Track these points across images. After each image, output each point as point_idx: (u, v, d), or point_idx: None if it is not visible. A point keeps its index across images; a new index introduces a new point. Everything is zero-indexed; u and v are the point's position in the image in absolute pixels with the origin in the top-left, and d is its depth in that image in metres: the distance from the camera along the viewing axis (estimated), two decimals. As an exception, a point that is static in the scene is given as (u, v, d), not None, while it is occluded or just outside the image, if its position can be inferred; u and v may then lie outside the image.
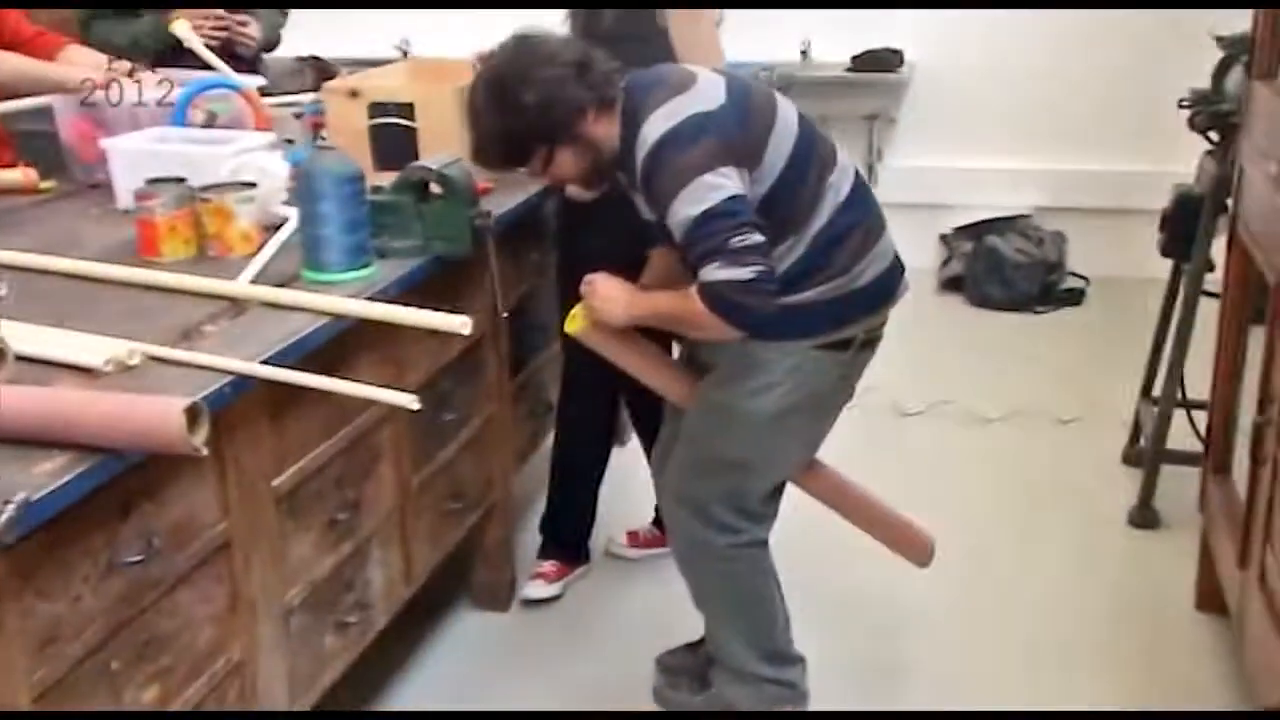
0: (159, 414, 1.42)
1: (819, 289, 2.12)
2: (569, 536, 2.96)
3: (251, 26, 3.32)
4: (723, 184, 2.01)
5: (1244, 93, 2.66)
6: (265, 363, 1.75)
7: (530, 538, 3.00)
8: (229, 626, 1.80)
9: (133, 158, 2.55)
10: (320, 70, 4.54)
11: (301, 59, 4.73)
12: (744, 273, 1.98)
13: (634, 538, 3.08)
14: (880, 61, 4.94)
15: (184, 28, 2.95)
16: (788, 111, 2.15)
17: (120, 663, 1.57)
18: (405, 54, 5.45)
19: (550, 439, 3.03)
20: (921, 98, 5.08)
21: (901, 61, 4.98)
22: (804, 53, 5.06)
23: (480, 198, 2.32)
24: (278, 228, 2.29)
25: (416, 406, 1.74)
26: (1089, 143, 5.01)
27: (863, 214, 2.17)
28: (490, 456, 2.71)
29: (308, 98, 3.08)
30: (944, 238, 5.12)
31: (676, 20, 2.59)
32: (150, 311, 1.95)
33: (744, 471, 2.24)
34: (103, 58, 2.95)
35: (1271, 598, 2.11)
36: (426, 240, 2.23)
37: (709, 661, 2.48)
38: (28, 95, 2.86)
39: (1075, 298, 4.88)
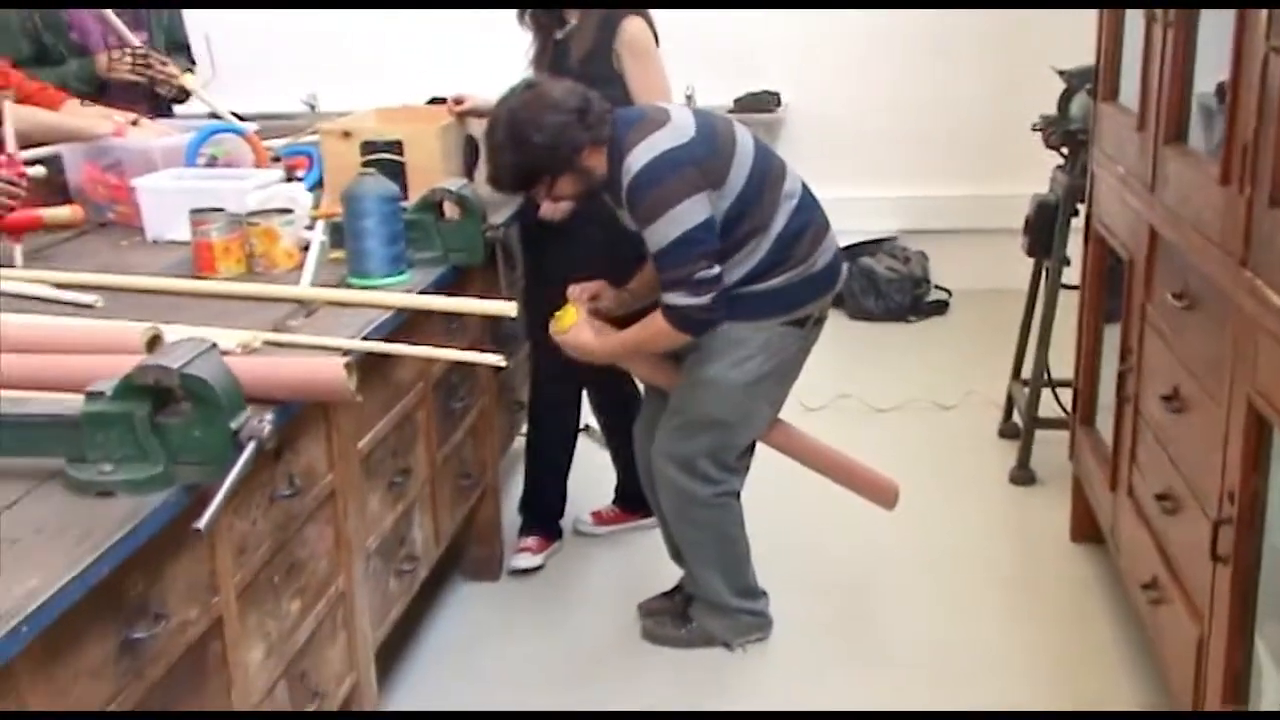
0: (326, 370, 1.82)
1: (784, 276, 2.63)
2: (546, 515, 3.39)
3: (171, 67, 3.58)
4: (693, 212, 2.51)
5: (1090, 113, 3.27)
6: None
7: (509, 519, 3.42)
8: (336, 561, 2.19)
9: (161, 195, 2.91)
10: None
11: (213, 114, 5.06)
12: (702, 300, 2.53)
13: (598, 516, 3.52)
14: (759, 102, 5.50)
15: (193, 80, 3.31)
16: (744, 136, 2.66)
17: (279, 577, 1.96)
18: (313, 108, 5.83)
19: (523, 432, 3.46)
20: (796, 135, 5.66)
21: (778, 102, 5.56)
22: (689, 96, 5.61)
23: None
24: (306, 247, 2.69)
25: (504, 363, 2.17)
26: (943, 171, 5.68)
27: (812, 215, 2.69)
28: (484, 443, 3.13)
29: (281, 142, 3.48)
30: (820, 261, 5.70)
31: (630, 65, 3.07)
32: (233, 314, 2.32)
33: (725, 430, 2.72)
34: (104, 110, 3.29)
35: (1138, 503, 2.67)
36: (445, 252, 2.66)
37: (687, 601, 2.94)
38: (43, 144, 3.16)
39: (941, 308, 5.51)
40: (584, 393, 3.40)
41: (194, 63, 3.82)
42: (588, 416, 3.50)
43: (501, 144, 2.55)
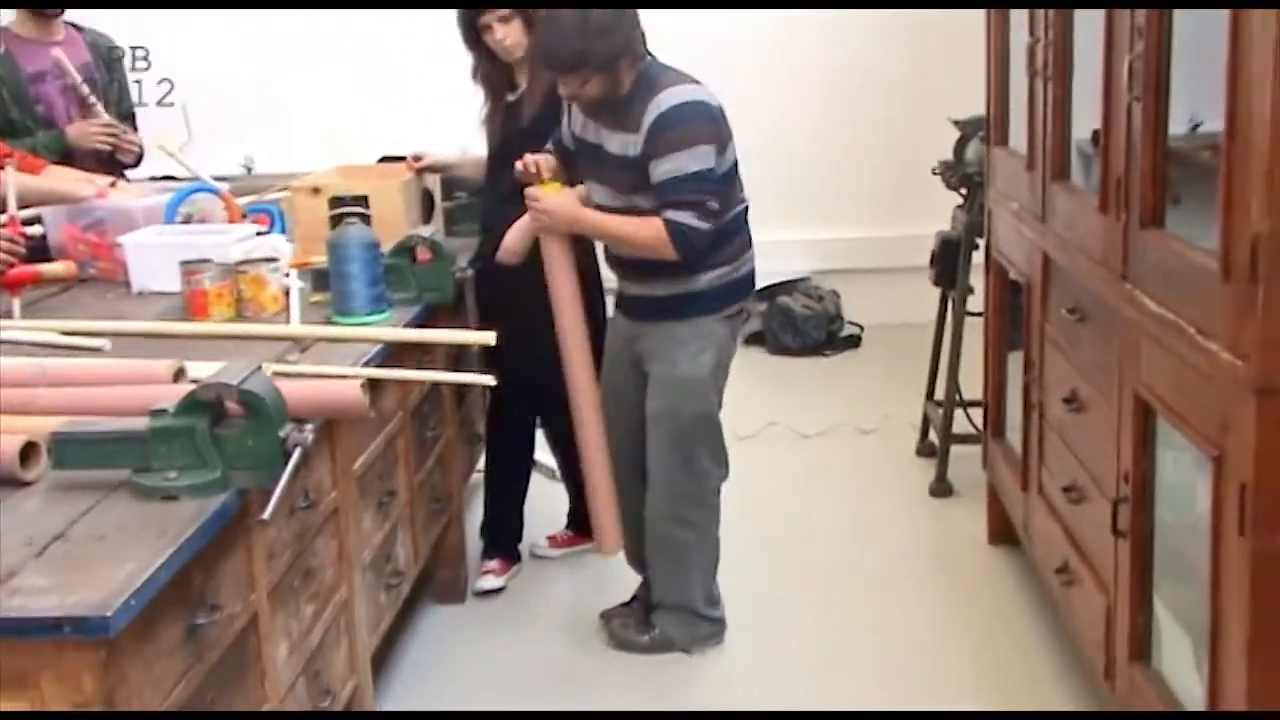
0: (345, 390, 2.07)
1: (720, 271, 2.94)
2: (507, 539, 3.63)
3: (132, 135, 3.86)
4: (710, 156, 2.81)
5: (984, 157, 3.65)
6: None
7: (472, 544, 3.65)
8: (339, 571, 2.42)
9: (147, 250, 3.13)
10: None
11: (155, 178, 5.28)
12: (705, 226, 2.81)
13: (553, 540, 3.76)
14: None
15: (172, 143, 3.54)
16: None
17: (297, 582, 2.19)
18: (249, 170, 6.04)
19: (480, 464, 3.71)
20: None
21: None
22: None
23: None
24: (287, 292, 2.93)
25: (494, 383, 2.44)
26: (851, 214, 6.06)
27: (745, 222, 3.02)
28: (450, 471, 3.37)
29: (245, 200, 3.71)
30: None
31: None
32: (233, 352, 2.54)
33: (709, 420, 3.01)
34: (82, 174, 3.50)
35: (1047, 499, 3.01)
36: (420, 291, 2.93)
37: (647, 609, 3.20)
38: (28, 206, 3.35)
39: (854, 342, 5.87)
40: (536, 426, 3.66)
41: (137, 130, 4.07)
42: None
43: (570, 22, 2.76)
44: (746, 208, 3.04)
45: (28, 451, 1.84)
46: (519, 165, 2.98)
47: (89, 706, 1.50)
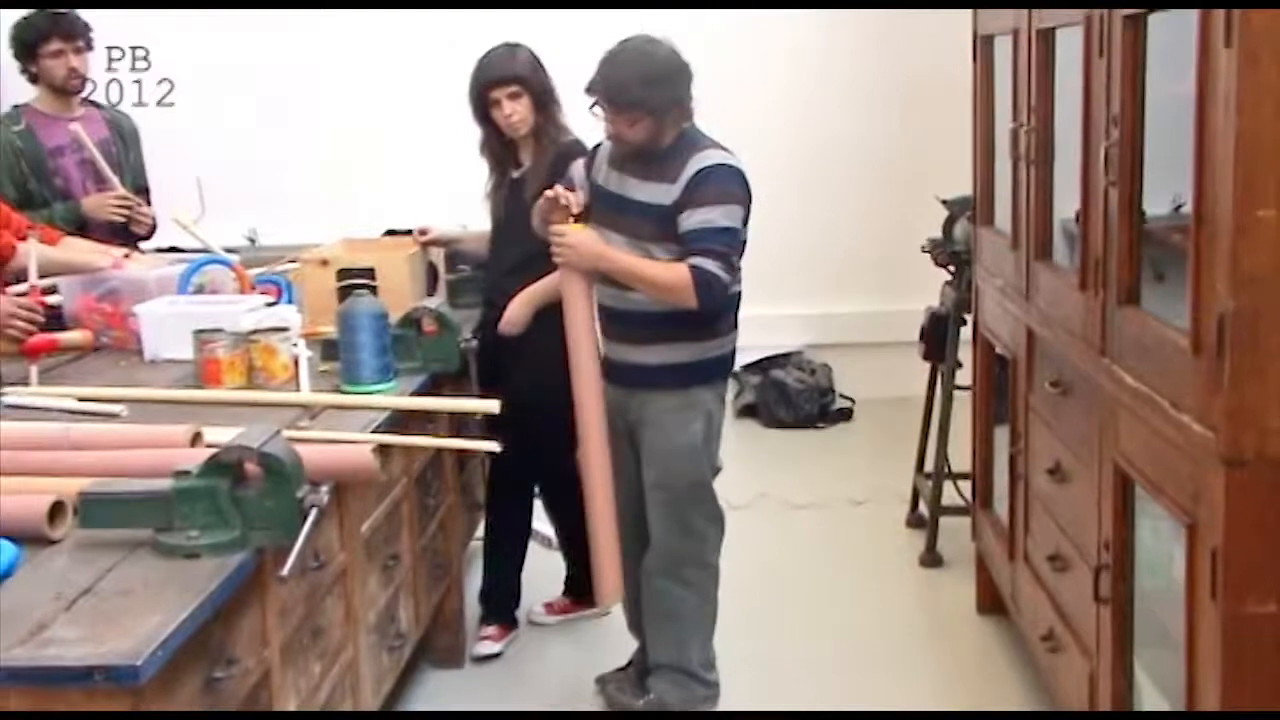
0: (356, 454, 2.16)
1: (715, 343, 3.05)
2: (505, 605, 3.70)
3: (145, 209, 4.01)
4: (740, 218, 2.95)
5: (971, 235, 3.78)
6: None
7: (470, 610, 3.72)
8: (346, 632, 2.49)
9: (162, 319, 3.23)
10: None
11: (161, 249, 5.40)
12: (728, 279, 2.92)
13: (550, 607, 3.83)
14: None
15: (187, 216, 3.66)
16: None
17: (307, 639, 2.26)
18: (253, 242, 6.16)
19: (478, 536, 3.79)
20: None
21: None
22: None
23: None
24: (297, 360, 3.03)
25: (499, 448, 2.53)
26: (843, 289, 6.20)
27: (739, 303, 3.11)
28: (451, 537, 3.45)
29: (255, 272, 3.82)
30: (734, 375, 6.14)
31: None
32: (247, 418, 2.62)
33: (702, 487, 3.09)
34: (98, 245, 3.62)
35: (1033, 568, 3.09)
36: (425, 362, 3.03)
37: (642, 673, 3.26)
38: (46, 276, 3.45)
39: (846, 415, 5.97)
40: (535, 495, 3.74)
41: (150, 203, 4.19)
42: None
43: (634, 63, 2.90)
44: (741, 287, 3.14)
45: (55, 510, 1.93)
46: (549, 193, 2.98)
47: (114, 753, 1.57)
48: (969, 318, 3.92)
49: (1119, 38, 2.29)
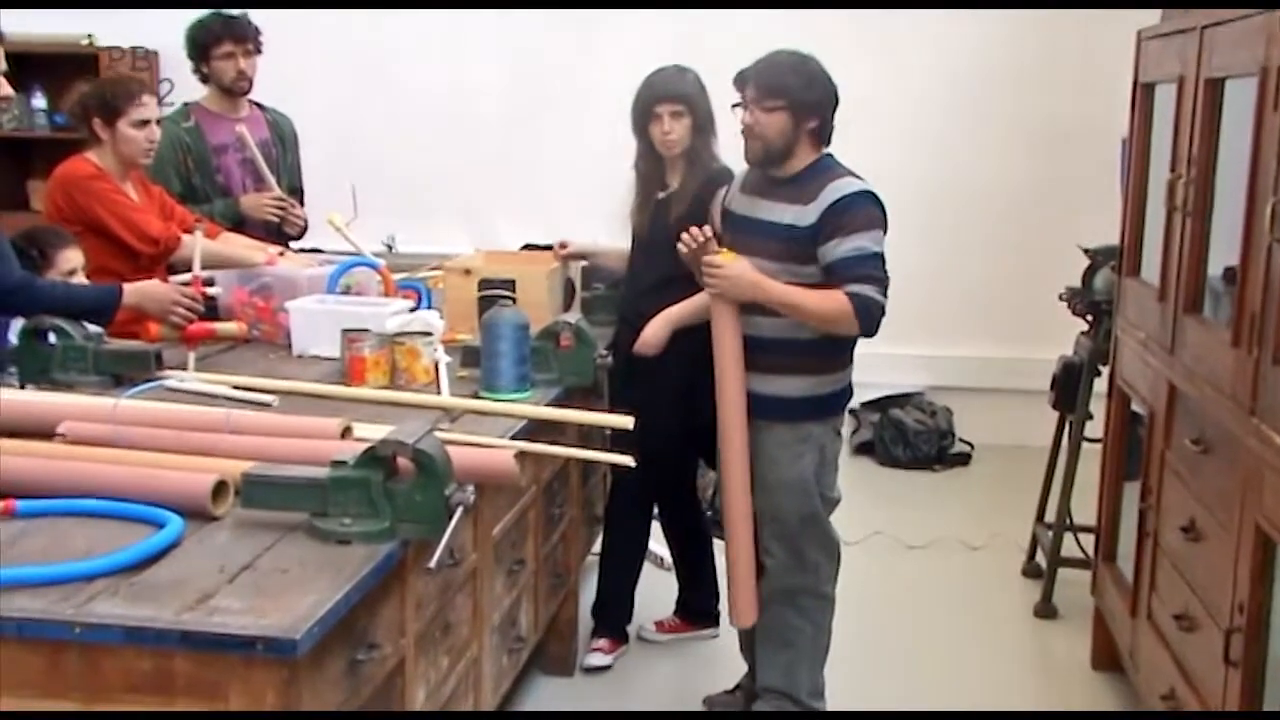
0: (500, 458, 2.23)
1: (833, 376, 3.07)
2: (617, 619, 3.74)
3: (298, 210, 4.16)
4: (882, 244, 2.97)
5: (1114, 286, 3.73)
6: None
7: (583, 621, 3.77)
8: (473, 629, 2.56)
9: (311, 316, 3.35)
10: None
11: (304, 249, 5.58)
12: (885, 302, 2.93)
13: (660, 625, 3.87)
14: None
15: (340, 219, 3.79)
16: None
17: (439, 632, 2.33)
18: (390, 248, 6.33)
19: (597, 545, 3.84)
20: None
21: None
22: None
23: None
24: (438, 364, 3.11)
25: (633, 463, 2.57)
26: (968, 333, 6.15)
27: (855, 340, 3.12)
28: (571, 548, 3.51)
29: (397, 277, 3.93)
30: (852, 412, 6.14)
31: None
32: (391, 418, 2.71)
33: (814, 520, 3.10)
34: (254, 242, 3.77)
35: (1157, 625, 3.04)
36: (561, 375, 3.09)
37: (750, 698, 3.28)
38: (205, 269, 3.60)
39: (964, 459, 5.92)
40: (654, 515, 3.78)
41: (303, 204, 4.34)
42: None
43: (789, 57, 2.98)
44: None
45: (218, 489, 2.02)
46: (691, 233, 3.00)
47: (266, 722, 1.64)
48: (1103, 369, 3.87)
49: (1292, 93, 2.27)
